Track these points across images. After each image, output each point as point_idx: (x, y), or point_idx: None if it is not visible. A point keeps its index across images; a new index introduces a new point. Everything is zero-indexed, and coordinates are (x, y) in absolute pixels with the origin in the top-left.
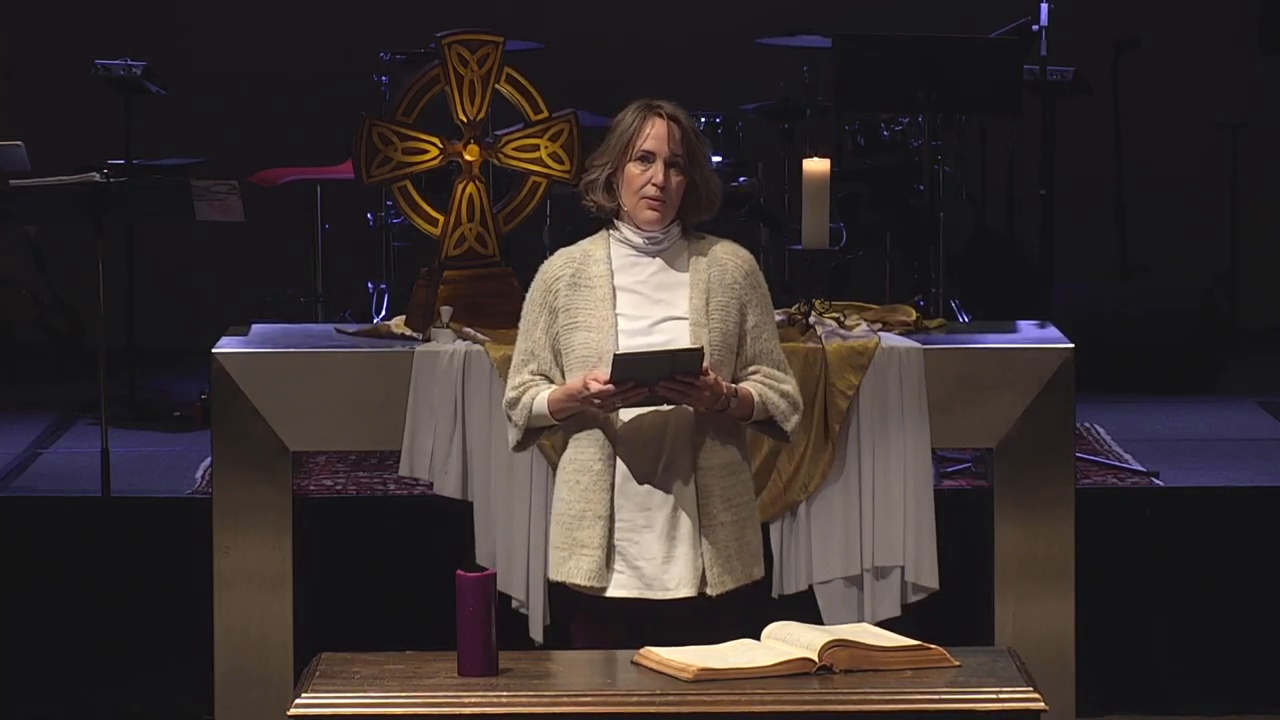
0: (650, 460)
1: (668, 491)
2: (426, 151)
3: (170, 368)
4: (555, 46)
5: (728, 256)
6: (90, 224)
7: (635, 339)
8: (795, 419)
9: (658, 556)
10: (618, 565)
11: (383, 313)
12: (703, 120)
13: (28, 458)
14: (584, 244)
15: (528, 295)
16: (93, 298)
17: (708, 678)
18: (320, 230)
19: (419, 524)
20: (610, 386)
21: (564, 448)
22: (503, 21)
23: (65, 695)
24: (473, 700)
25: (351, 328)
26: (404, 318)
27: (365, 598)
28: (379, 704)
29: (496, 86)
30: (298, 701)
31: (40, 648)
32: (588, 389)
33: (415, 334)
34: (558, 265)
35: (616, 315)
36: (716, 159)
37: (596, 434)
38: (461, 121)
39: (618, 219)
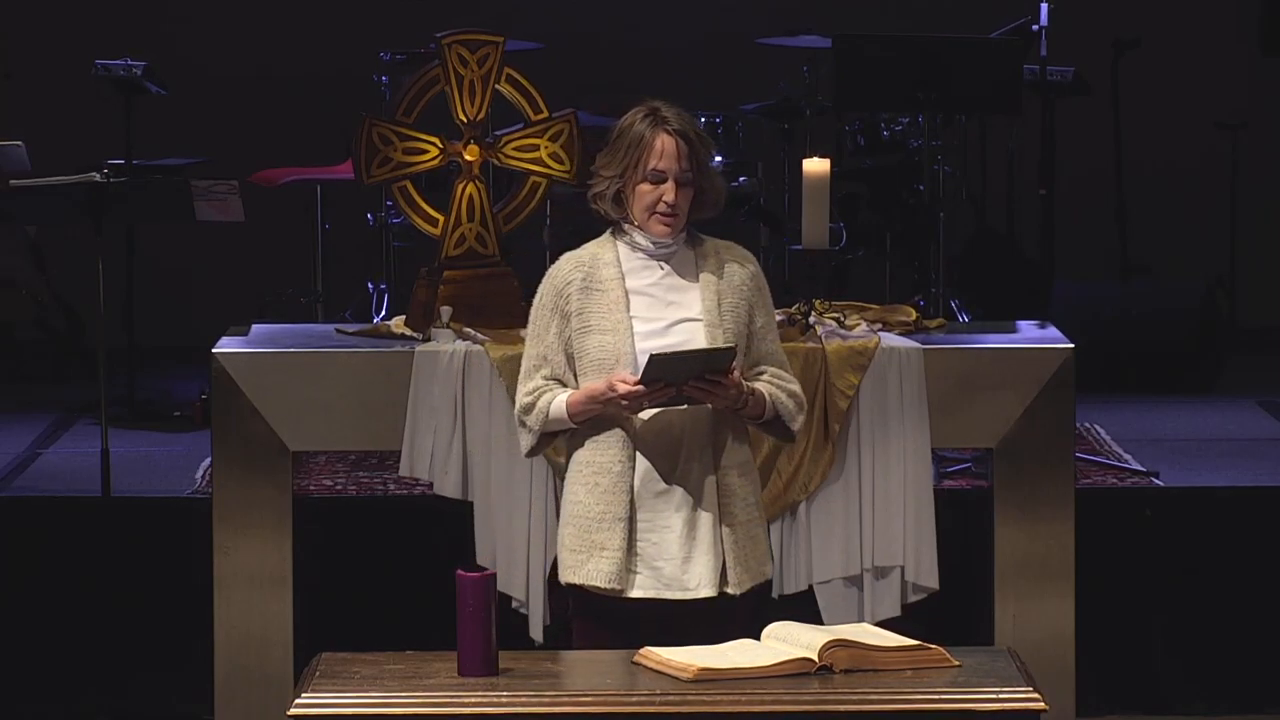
0: (671, 460)
1: (688, 491)
2: (426, 151)
3: (170, 368)
4: (555, 46)
5: (734, 259)
6: (90, 224)
7: (651, 341)
8: (801, 418)
9: (677, 557)
10: (636, 566)
11: (383, 313)
12: (703, 120)
13: (28, 458)
14: (590, 247)
15: (536, 300)
16: (93, 298)
17: (708, 678)
18: (320, 230)
19: (419, 524)
20: (640, 387)
21: (575, 449)
22: (503, 21)
23: (65, 695)
24: (473, 700)
25: (351, 328)
26: (404, 318)
27: (365, 598)
28: (379, 704)
29: (496, 86)
30: (298, 701)
31: (40, 648)
32: (615, 390)
33: (415, 334)
34: (567, 269)
35: (631, 318)
36: (716, 159)
37: (616, 435)
38: (461, 121)
39: (626, 223)
